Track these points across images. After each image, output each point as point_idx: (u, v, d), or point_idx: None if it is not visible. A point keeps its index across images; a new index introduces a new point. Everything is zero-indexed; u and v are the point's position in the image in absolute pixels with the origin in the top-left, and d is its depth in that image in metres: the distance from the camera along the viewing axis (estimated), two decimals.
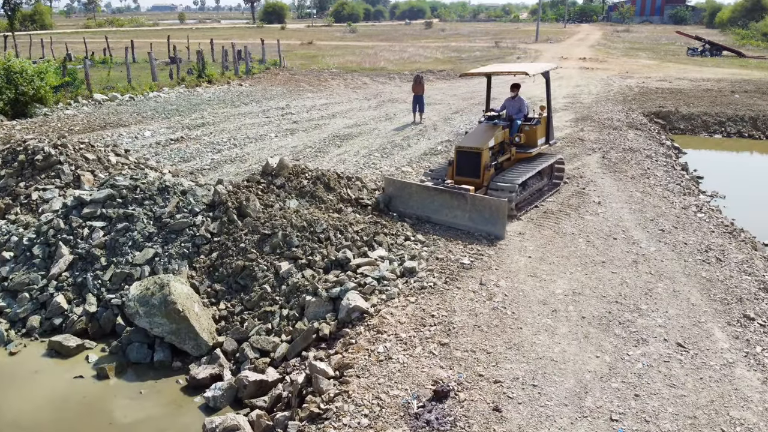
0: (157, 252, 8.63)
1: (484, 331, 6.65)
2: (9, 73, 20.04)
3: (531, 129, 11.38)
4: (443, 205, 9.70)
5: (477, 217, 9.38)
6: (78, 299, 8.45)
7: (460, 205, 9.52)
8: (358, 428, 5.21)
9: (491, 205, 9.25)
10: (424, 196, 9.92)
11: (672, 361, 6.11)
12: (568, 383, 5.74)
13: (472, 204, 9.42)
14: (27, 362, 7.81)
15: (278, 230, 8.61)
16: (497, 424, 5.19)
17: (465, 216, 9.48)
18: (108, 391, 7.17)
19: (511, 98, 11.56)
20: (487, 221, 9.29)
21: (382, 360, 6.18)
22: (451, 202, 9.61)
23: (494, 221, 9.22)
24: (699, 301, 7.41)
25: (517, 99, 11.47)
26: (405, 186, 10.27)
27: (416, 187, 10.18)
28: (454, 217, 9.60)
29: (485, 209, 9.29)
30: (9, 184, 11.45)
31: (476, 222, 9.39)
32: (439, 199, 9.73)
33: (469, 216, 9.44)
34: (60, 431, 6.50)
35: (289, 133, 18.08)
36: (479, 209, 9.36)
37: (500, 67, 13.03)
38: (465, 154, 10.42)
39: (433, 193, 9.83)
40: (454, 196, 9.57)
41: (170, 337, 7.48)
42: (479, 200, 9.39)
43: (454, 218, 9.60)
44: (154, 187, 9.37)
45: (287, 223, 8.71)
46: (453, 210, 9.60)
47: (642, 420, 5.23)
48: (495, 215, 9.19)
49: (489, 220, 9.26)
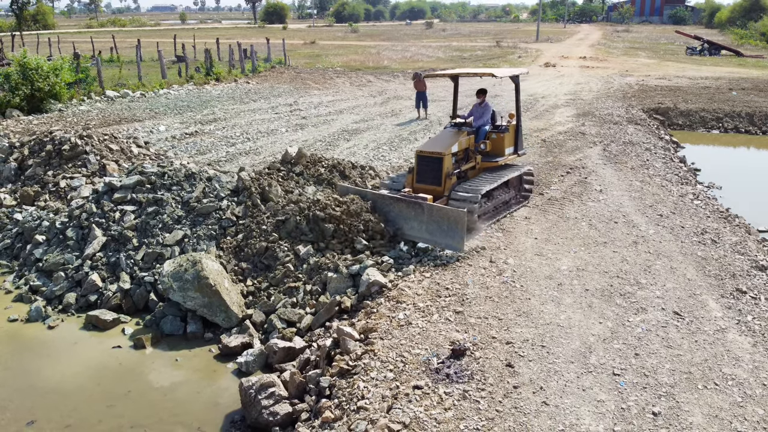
0: (186, 233, 9.18)
1: (495, 302, 7.20)
2: (25, 70, 20.59)
3: (498, 137, 10.63)
4: (399, 215, 8.92)
5: (435, 229, 8.52)
6: (112, 277, 9.00)
7: (417, 215, 8.68)
8: (384, 381, 5.75)
9: (449, 216, 8.34)
10: (380, 206, 9.12)
11: (669, 327, 6.66)
12: (573, 345, 6.28)
13: (429, 215, 8.55)
14: (66, 335, 8.36)
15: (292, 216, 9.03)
16: (510, 377, 5.74)
17: (422, 228, 8.65)
18: (145, 359, 7.72)
19: (477, 104, 10.90)
20: (445, 234, 8.42)
21: (403, 325, 6.72)
22: (408, 213, 8.80)
23: (452, 234, 8.34)
24: (695, 276, 7.95)
25: (484, 105, 10.80)
26: (359, 193, 9.40)
27: (371, 195, 9.33)
28: (410, 228, 8.81)
29: (443, 221, 8.39)
30: (37, 173, 12.01)
31: (434, 234, 8.55)
32: (395, 209, 8.95)
33: (426, 228, 8.60)
34: (101, 394, 7.02)
35: (299, 128, 18.63)
36: (437, 220, 8.47)
37: (468, 69, 12.71)
38: (426, 160, 9.69)
39: (388, 202, 9.04)
40: (410, 205, 8.76)
41: (202, 310, 8.02)
42: (436, 210, 8.50)
43: (410, 230, 8.81)
44: (181, 174, 9.92)
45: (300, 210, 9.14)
46: (409, 221, 8.79)
47: (642, 374, 5.78)
48: (453, 227, 8.30)
49: (447, 232, 8.39)
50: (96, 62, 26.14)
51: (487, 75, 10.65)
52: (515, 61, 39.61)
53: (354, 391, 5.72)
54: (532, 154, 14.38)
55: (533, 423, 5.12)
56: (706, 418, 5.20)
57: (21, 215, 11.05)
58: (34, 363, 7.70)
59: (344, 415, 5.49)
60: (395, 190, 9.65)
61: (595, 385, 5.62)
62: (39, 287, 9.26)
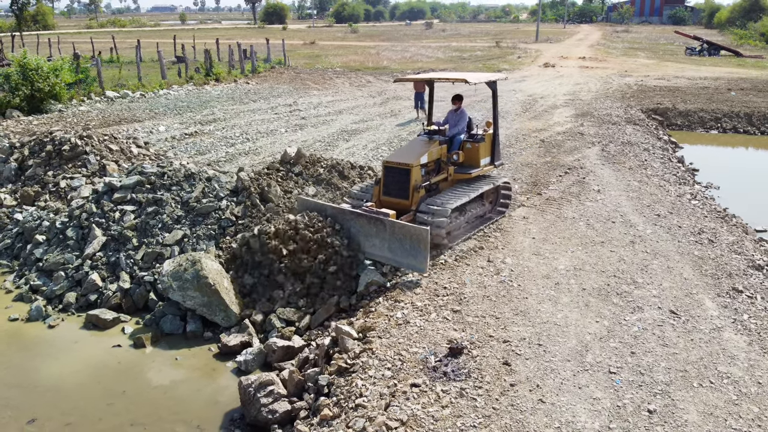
0: (185, 233, 9.23)
1: (492, 301, 7.24)
2: (25, 70, 20.63)
3: (473, 146, 9.87)
4: (360, 232, 8.35)
5: (397, 248, 7.97)
6: (111, 277, 9.04)
7: (379, 232, 8.13)
8: (382, 379, 5.80)
9: (411, 234, 7.77)
10: (340, 221, 8.59)
11: (665, 326, 6.70)
12: (570, 343, 6.33)
13: (391, 232, 7.99)
14: (66, 334, 8.40)
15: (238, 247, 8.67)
16: (507, 375, 5.78)
17: (384, 246, 8.11)
18: (145, 358, 7.76)
19: (453, 111, 10.18)
20: (408, 253, 7.86)
21: (401, 324, 6.77)
22: (369, 229, 8.23)
23: (415, 253, 7.77)
24: (691, 276, 8.00)
25: (460, 112, 10.12)
26: (318, 208, 8.86)
27: (330, 209, 8.74)
28: (372, 246, 8.25)
29: (406, 239, 7.84)
30: (37, 173, 12.06)
31: (396, 253, 8.00)
32: (356, 225, 8.39)
33: (389, 246, 8.05)
34: (101, 393, 7.06)
35: (298, 129, 18.68)
36: (399, 238, 7.92)
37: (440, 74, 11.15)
38: (393, 171, 9.01)
39: (348, 218, 8.50)
40: (371, 221, 8.19)
41: (202, 309, 8.07)
42: (399, 228, 7.93)
43: (372, 248, 8.26)
44: (180, 174, 9.96)
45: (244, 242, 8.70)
46: (371, 238, 8.24)
47: (638, 372, 5.83)
48: (416, 247, 7.74)
49: (410, 252, 7.83)
50: (96, 63, 26.18)
51: (460, 81, 9.66)
52: (515, 61, 39.67)
53: (352, 389, 5.76)
54: (531, 155, 14.44)
55: (530, 420, 5.16)
56: (702, 415, 5.25)
57: (21, 215, 11.10)
58: (35, 362, 7.75)
59: (342, 413, 5.53)
60: (360, 204, 8.99)
61: (591, 383, 5.67)
62: (39, 287, 9.31)
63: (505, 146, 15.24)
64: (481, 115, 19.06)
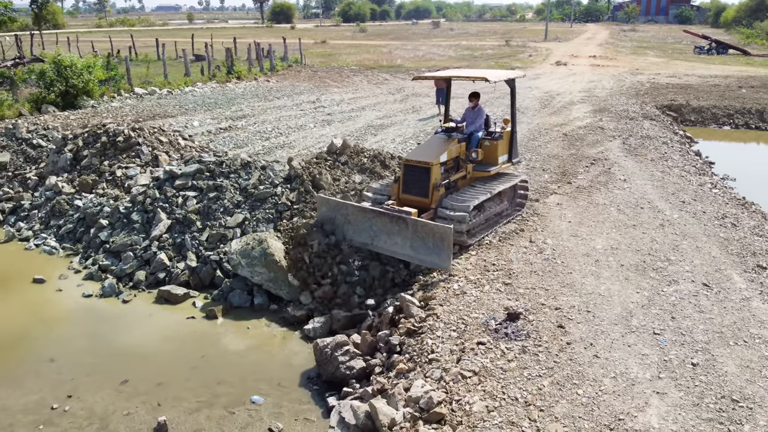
0: (246, 217, 9.94)
1: (539, 275, 7.93)
2: (59, 67, 21.37)
3: (491, 144, 9.87)
4: (382, 230, 8.44)
5: (419, 246, 8.07)
6: (178, 257, 9.76)
7: (401, 231, 8.22)
8: (450, 339, 6.50)
9: (435, 232, 7.89)
10: (361, 219, 8.70)
11: (699, 296, 7.38)
12: (615, 310, 7.01)
13: (413, 230, 8.09)
14: (140, 308, 9.14)
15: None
16: (563, 336, 6.47)
17: (406, 244, 8.20)
18: (218, 328, 8.49)
19: (471, 108, 10.14)
20: (430, 251, 7.98)
21: (458, 294, 7.46)
22: (391, 228, 8.32)
23: (438, 251, 7.89)
24: (718, 254, 8.67)
25: (478, 110, 10.07)
26: (340, 207, 8.96)
27: (352, 208, 8.84)
28: (394, 244, 8.35)
29: (428, 237, 7.95)
30: (93, 163, 12.79)
31: (418, 251, 8.11)
32: (378, 224, 8.47)
33: (411, 244, 8.15)
34: (183, 358, 7.78)
35: (326, 124, 19.36)
36: (422, 237, 8.03)
37: (458, 72, 11.06)
38: (413, 169, 9.02)
39: (370, 216, 8.56)
40: (393, 220, 8.27)
41: (268, 284, 8.78)
42: (421, 226, 8.04)
43: (394, 246, 8.36)
44: (237, 163, 10.67)
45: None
46: (393, 236, 8.34)
47: (679, 333, 6.51)
48: (439, 244, 7.85)
49: (433, 249, 7.94)
50: (126, 60, 26.93)
51: (480, 79, 9.57)
52: (526, 59, 40.30)
53: (423, 347, 6.46)
54: (556, 147, 15.11)
55: (588, 372, 5.85)
56: (739, 368, 5.92)
57: (81, 202, 11.83)
58: (116, 332, 8.47)
59: (417, 367, 6.23)
60: (379, 202, 9.13)
61: (638, 342, 6.36)
62: (108, 266, 10.04)
63: (529, 139, 15.92)
64: (500, 110, 19.72)
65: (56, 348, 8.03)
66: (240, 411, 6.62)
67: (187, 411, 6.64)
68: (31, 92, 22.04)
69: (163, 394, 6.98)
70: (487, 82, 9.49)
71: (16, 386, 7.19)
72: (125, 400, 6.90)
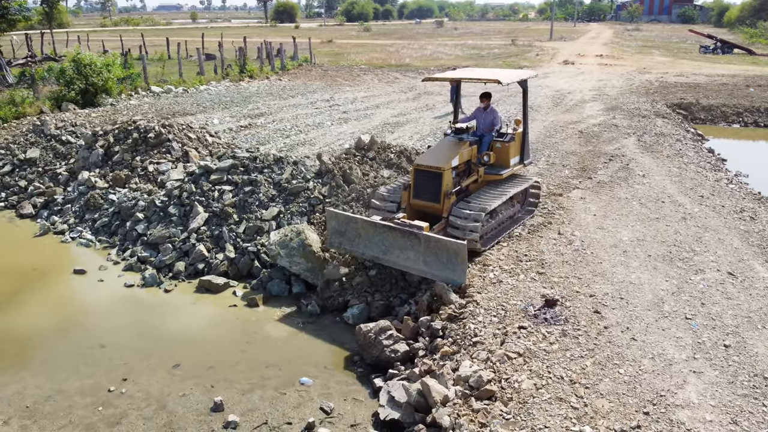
0: (280, 210, 10.28)
1: (571, 265, 8.27)
2: (79, 66, 21.72)
3: (503, 146, 9.67)
4: (394, 245, 8.24)
5: (432, 261, 7.92)
6: (216, 248, 10.10)
7: (413, 246, 8.02)
8: (491, 323, 6.84)
9: (448, 248, 7.72)
10: (371, 233, 8.48)
11: (726, 284, 7.71)
12: (647, 297, 7.35)
13: (426, 245, 7.91)
14: (182, 297, 9.48)
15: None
16: (599, 321, 6.81)
17: (419, 259, 8.02)
18: (259, 315, 8.83)
19: (481, 109, 9.93)
20: (444, 266, 7.83)
21: (495, 283, 7.80)
22: (403, 243, 8.12)
23: (452, 267, 7.75)
24: (740, 245, 9.00)
25: (489, 111, 9.86)
26: (350, 221, 8.76)
27: (362, 222, 8.63)
28: (406, 259, 8.16)
29: (442, 252, 7.80)
30: (125, 159, 13.13)
31: (431, 266, 7.94)
32: (390, 238, 8.26)
33: (423, 259, 7.98)
34: (230, 343, 8.11)
35: (342, 122, 19.69)
36: (435, 252, 7.86)
37: (470, 73, 10.63)
38: (424, 174, 8.85)
39: (381, 231, 8.36)
40: (405, 235, 8.07)
41: (306, 273, 9.12)
42: (434, 242, 7.85)
43: (406, 260, 8.18)
44: (270, 158, 11.02)
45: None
46: (405, 251, 8.13)
47: (710, 318, 6.84)
48: (453, 260, 7.72)
49: (447, 265, 7.80)
50: (143, 59, 27.30)
51: (493, 81, 9.30)
52: (534, 59, 40.62)
53: (466, 331, 6.80)
54: (572, 144, 15.44)
55: (626, 353, 6.19)
56: None
57: (116, 196, 12.17)
58: (162, 319, 8.81)
59: (461, 349, 6.57)
60: (389, 210, 9.07)
61: (672, 326, 6.69)
62: (147, 258, 10.38)
63: (546, 136, 16.26)
64: (513, 109, 20.04)
65: (105, 335, 8.36)
66: (290, 392, 6.95)
67: (240, 392, 6.97)
68: (51, 90, 22.38)
69: (214, 377, 7.31)
70: (499, 84, 9.21)
71: (70, 371, 7.51)
72: (179, 382, 7.23)
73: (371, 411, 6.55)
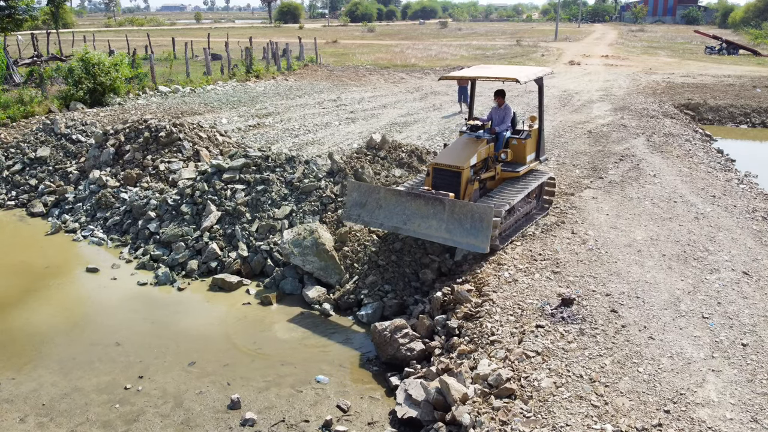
0: (292, 209, 10.29)
1: (586, 264, 8.26)
2: (87, 65, 21.78)
3: (519, 144, 9.77)
4: (416, 213, 8.45)
5: (455, 228, 8.09)
6: (229, 247, 10.12)
7: (437, 213, 8.25)
8: (508, 322, 6.84)
9: (473, 213, 7.94)
10: (394, 203, 8.66)
11: (741, 283, 7.70)
12: (663, 296, 7.34)
13: (450, 212, 8.14)
14: (196, 295, 9.50)
15: None
16: (616, 319, 6.80)
17: (441, 227, 8.18)
18: (273, 313, 8.85)
19: (496, 107, 10.11)
20: (467, 232, 7.99)
21: (510, 282, 7.80)
22: (426, 211, 8.35)
23: (476, 233, 7.93)
24: (753, 245, 8.99)
25: (504, 108, 10.01)
26: (372, 191, 8.92)
27: (385, 192, 8.82)
28: (428, 227, 8.31)
29: (466, 218, 8.00)
30: (135, 157, 13.16)
31: (454, 233, 8.11)
32: (412, 207, 8.49)
33: (446, 227, 8.14)
34: (245, 340, 8.13)
35: (350, 122, 19.71)
36: (459, 218, 8.07)
37: (487, 71, 10.39)
38: (443, 173, 8.97)
39: (404, 200, 8.56)
40: (429, 202, 8.32)
41: (319, 272, 9.13)
42: (460, 207, 8.10)
43: (428, 229, 8.32)
44: (282, 158, 11.03)
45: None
46: (427, 219, 8.33)
47: (726, 317, 6.83)
48: (478, 225, 7.92)
49: (470, 231, 7.96)
50: (150, 59, 27.37)
51: (511, 80, 9.27)
52: (539, 59, 40.59)
53: (483, 329, 6.80)
54: (582, 144, 15.43)
55: (645, 352, 6.18)
56: None
57: (127, 195, 12.20)
58: (177, 317, 8.83)
59: (478, 348, 6.57)
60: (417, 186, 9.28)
61: (689, 325, 6.68)
62: (159, 256, 10.40)
63: (555, 136, 16.25)
64: (521, 109, 20.03)
65: (120, 332, 8.39)
66: (307, 389, 6.96)
67: (257, 390, 6.99)
68: (58, 89, 22.45)
69: (230, 375, 7.33)
70: (517, 83, 9.24)
71: (86, 368, 7.52)
72: (195, 379, 7.25)
73: (388, 409, 6.56)
